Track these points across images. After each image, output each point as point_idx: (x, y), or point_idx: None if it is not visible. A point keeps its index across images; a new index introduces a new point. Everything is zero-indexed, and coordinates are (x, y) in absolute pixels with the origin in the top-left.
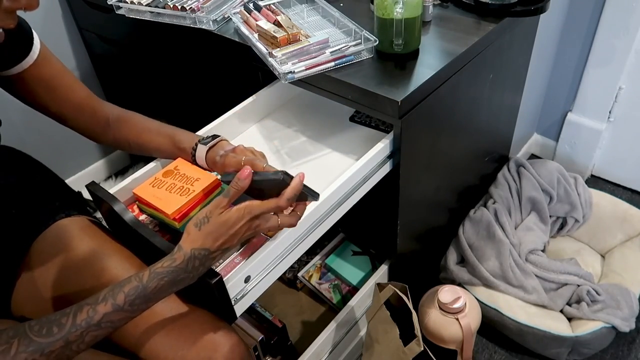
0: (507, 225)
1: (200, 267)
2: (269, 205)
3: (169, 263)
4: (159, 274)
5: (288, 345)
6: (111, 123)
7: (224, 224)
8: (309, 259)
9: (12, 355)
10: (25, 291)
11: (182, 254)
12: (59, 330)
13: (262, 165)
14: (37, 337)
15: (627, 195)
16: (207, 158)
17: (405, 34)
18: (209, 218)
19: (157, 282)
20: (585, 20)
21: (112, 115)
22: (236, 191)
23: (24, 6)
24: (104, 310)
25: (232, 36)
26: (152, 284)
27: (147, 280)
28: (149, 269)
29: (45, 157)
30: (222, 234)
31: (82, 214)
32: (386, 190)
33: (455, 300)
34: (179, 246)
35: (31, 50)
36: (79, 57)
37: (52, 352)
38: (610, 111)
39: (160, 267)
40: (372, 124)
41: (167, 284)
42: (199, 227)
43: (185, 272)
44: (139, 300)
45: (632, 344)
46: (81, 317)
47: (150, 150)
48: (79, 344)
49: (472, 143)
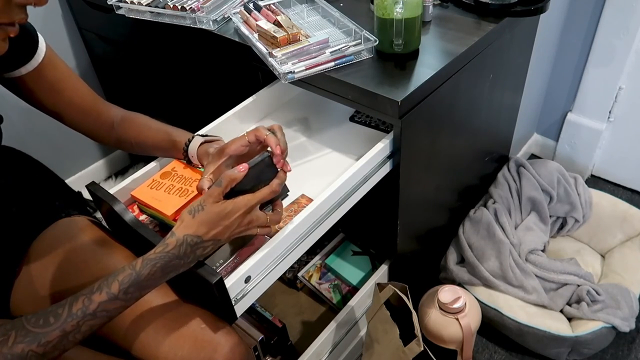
0: (507, 225)
1: (192, 255)
2: (263, 194)
3: (162, 248)
4: (152, 260)
5: (288, 345)
6: (115, 125)
7: (218, 214)
8: (309, 259)
9: (9, 346)
10: (25, 290)
11: (174, 240)
12: (55, 321)
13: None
14: (33, 328)
15: (627, 195)
16: (199, 149)
17: (405, 34)
18: (203, 207)
19: (150, 268)
20: (585, 20)
21: (116, 117)
22: (230, 181)
23: (34, 1)
24: (99, 299)
25: (232, 36)
26: (145, 271)
27: (140, 267)
28: (142, 257)
29: (45, 157)
30: (216, 224)
31: (82, 214)
32: (386, 190)
33: (455, 300)
34: (172, 232)
35: (36, 52)
36: (79, 57)
37: (49, 342)
38: (610, 111)
39: (152, 253)
40: (372, 124)
41: (160, 270)
42: (192, 215)
43: (177, 258)
44: (133, 288)
45: (632, 344)
46: (77, 307)
47: (149, 148)
48: (75, 333)
49: (472, 143)
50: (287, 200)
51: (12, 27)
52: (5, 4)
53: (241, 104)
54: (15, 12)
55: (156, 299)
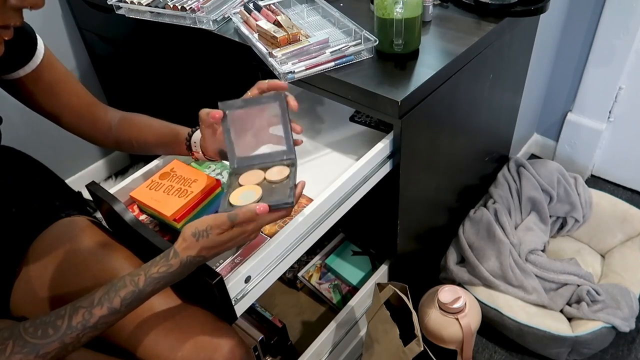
0: (507, 225)
1: (193, 269)
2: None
3: (165, 269)
4: (155, 279)
5: (288, 345)
6: (113, 127)
7: (222, 242)
8: (309, 259)
9: (7, 356)
10: (25, 291)
11: (178, 261)
12: (55, 332)
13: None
14: (32, 339)
15: (627, 195)
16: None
17: (405, 34)
18: (208, 234)
19: (154, 286)
20: (585, 20)
21: (114, 119)
22: (244, 220)
23: (30, 4)
24: (100, 313)
25: (232, 36)
26: (149, 289)
27: (143, 285)
28: (145, 272)
29: (45, 157)
30: (219, 248)
31: (82, 214)
32: (386, 191)
33: (455, 300)
34: (175, 252)
35: (34, 55)
36: (79, 57)
37: (48, 354)
38: (610, 111)
39: (156, 272)
40: (372, 124)
41: (162, 286)
42: (197, 239)
43: (181, 276)
44: (135, 303)
45: (632, 344)
46: (77, 320)
47: (150, 145)
48: (75, 344)
49: (472, 143)
50: None
51: (7, 30)
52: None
53: None
54: (10, 15)
55: (157, 300)
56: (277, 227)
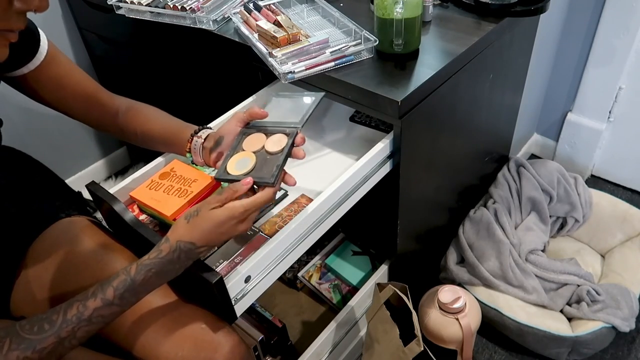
0: (507, 225)
1: (185, 260)
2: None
3: (156, 254)
4: (146, 265)
5: (288, 345)
6: (120, 114)
7: (211, 220)
8: (309, 259)
9: (4, 353)
10: (25, 291)
11: (168, 246)
12: (50, 327)
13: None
14: (28, 335)
15: (627, 195)
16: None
17: (405, 34)
18: (198, 211)
19: (145, 274)
20: (585, 20)
21: (121, 106)
22: (232, 193)
23: (35, 8)
24: (94, 305)
25: (232, 36)
26: (140, 277)
27: (134, 273)
28: (137, 262)
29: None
30: (210, 231)
31: (82, 214)
32: (386, 190)
33: (455, 300)
34: (166, 238)
35: (38, 51)
36: (79, 57)
37: (45, 349)
38: (610, 111)
39: (147, 259)
40: (372, 124)
41: (154, 276)
42: (187, 220)
43: (171, 264)
44: (128, 294)
45: (632, 344)
46: (71, 313)
47: (154, 140)
48: (71, 339)
49: (472, 143)
50: (287, 200)
51: (12, 33)
52: (4, 11)
53: (241, 104)
54: (15, 19)
55: (156, 299)
56: (277, 227)
